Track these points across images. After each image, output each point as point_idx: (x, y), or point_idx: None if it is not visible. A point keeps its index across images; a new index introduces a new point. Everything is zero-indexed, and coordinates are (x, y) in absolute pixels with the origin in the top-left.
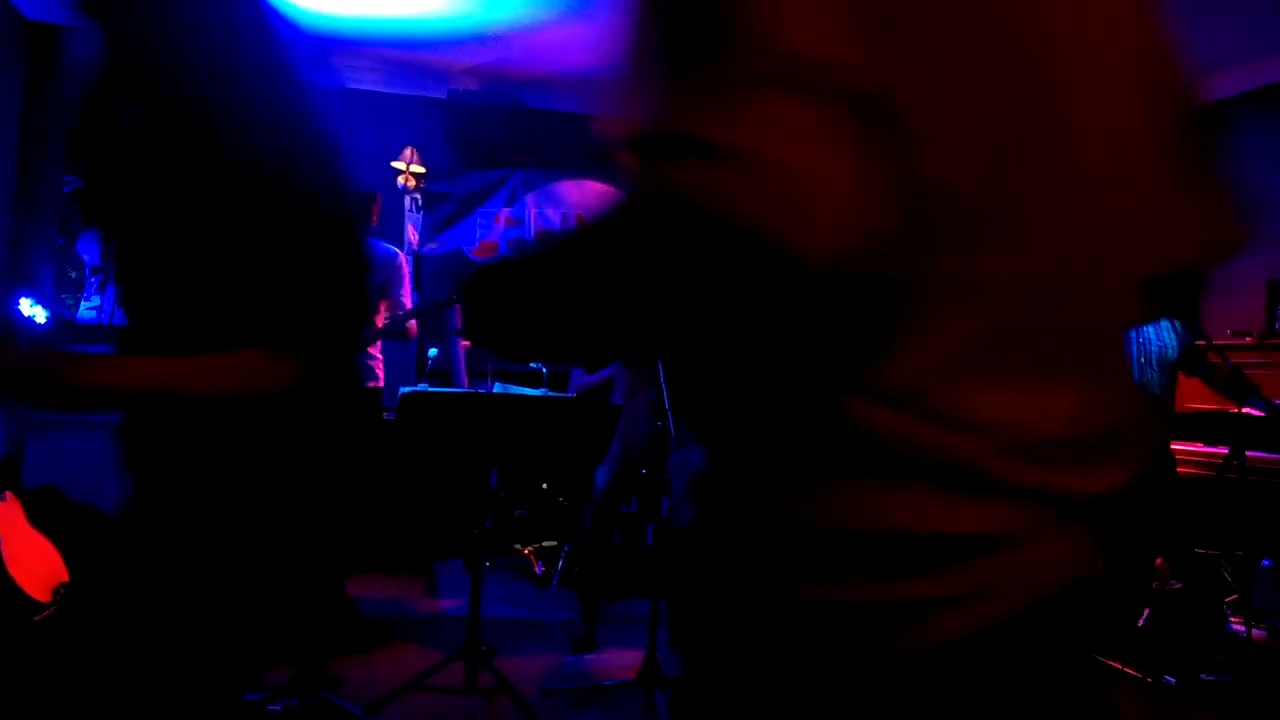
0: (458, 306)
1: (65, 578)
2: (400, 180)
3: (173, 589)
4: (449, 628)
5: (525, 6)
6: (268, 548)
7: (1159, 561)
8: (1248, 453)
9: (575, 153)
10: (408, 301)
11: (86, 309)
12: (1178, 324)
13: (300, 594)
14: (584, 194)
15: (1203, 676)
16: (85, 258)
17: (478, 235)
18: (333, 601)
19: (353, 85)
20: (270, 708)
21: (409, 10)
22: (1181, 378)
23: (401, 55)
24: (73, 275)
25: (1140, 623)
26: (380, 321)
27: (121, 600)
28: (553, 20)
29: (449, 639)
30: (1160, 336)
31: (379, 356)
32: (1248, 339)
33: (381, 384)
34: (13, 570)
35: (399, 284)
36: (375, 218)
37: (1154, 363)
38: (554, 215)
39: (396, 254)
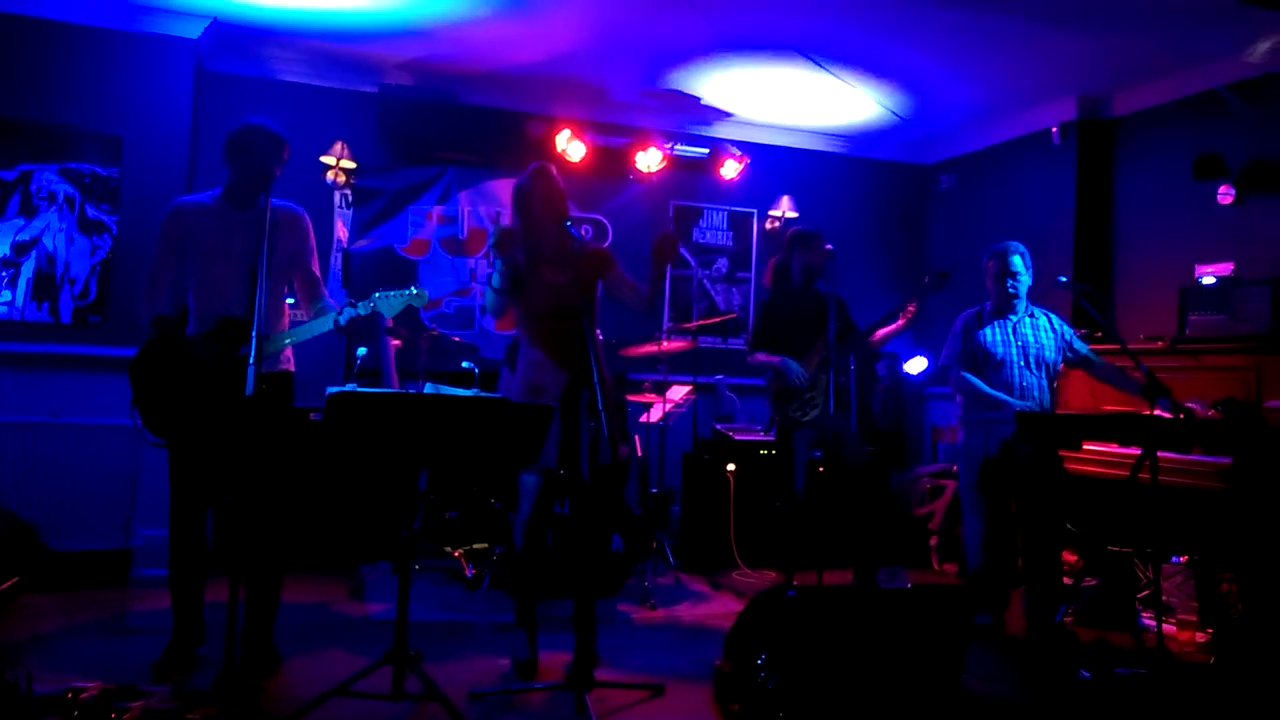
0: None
1: None
2: (330, 175)
3: None
4: (376, 632)
5: (459, 2)
6: None
7: (1072, 557)
8: (1159, 454)
9: (509, 150)
10: (318, 270)
11: None
12: (1055, 323)
13: None
14: None
15: (1117, 671)
16: None
17: (409, 233)
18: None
19: (282, 77)
20: (188, 717)
21: (341, 3)
22: (1091, 381)
23: (333, 48)
24: None
25: (1057, 619)
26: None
27: None
28: (487, 17)
29: (376, 643)
30: (1039, 339)
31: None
32: (1159, 343)
33: (293, 368)
34: None
35: (309, 253)
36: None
37: (1032, 364)
38: (487, 214)
39: (303, 214)
